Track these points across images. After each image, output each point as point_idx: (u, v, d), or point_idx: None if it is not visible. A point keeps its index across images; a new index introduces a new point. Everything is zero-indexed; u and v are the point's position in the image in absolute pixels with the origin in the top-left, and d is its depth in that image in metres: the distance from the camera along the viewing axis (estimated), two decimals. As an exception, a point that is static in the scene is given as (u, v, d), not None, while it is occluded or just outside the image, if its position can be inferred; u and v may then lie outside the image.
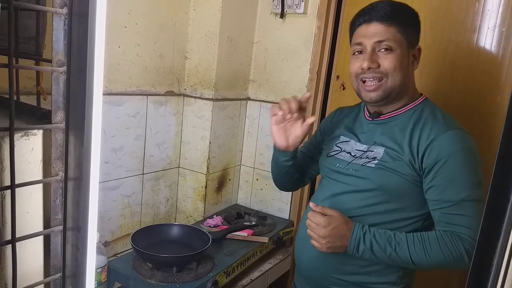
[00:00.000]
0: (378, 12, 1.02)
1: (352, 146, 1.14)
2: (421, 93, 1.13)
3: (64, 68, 0.47)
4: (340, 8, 1.78)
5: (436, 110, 1.07)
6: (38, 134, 0.50)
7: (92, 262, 0.48)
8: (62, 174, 0.49)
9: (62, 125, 0.48)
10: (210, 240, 1.41)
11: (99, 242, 1.37)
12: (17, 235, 0.45)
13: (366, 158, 1.08)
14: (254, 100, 1.97)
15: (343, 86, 1.81)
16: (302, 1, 1.76)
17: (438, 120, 1.03)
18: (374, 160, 1.06)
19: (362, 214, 1.05)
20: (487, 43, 1.48)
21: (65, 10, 0.46)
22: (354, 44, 1.08)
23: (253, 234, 1.65)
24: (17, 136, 0.48)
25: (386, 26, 1.01)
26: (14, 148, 0.44)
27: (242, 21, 1.83)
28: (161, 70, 1.65)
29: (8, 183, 0.45)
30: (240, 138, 1.99)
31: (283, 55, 1.86)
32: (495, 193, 0.39)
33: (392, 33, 1.01)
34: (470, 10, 1.50)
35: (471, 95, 1.53)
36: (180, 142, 1.84)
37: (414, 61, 1.07)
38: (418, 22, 1.07)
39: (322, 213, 1.02)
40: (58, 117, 0.49)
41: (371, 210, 1.05)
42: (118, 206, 1.57)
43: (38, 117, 0.56)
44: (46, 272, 0.54)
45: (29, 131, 0.49)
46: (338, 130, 1.22)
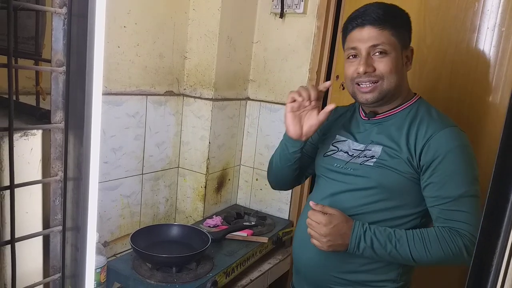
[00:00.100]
0: (371, 16, 1.02)
1: (349, 145, 1.15)
2: (414, 92, 1.14)
3: (63, 68, 0.47)
4: (339, 8, 1.78)
5: (431, 109, 1.09)
6: (38, 134, 0.50)
7: (91, 262, 0.48)
8: (61, 174, 0.49)
9: (62, 125, 0.48)
10: (210, 240, 1.41)
11: (99, 242, 1.37)
12: (16, 235, 0.45)
13: (364, 157, 1.09)
14: (253, 100, 1.97)
15: (343, 86, 1.81)
16: (302, 1, 1.76)
17: (434, 118, 1.05)
18: (372, 158, 1.07)
19: (362, 212, 1.06)
20: (487, 43, 1.48)
21: (64, 10, 0.46)
22: (348, 48, 1.08)
23: (252, 234, 1.65)
24: (16, 136, 0.48)
25: (379, 30, 1.02)
26: (13, 148, 0.44)
27: (241, 21, 1.83)
28: (160, 70, 1.64)
29: (7, 183, 0.45)
30: (239, 138, 1.99)
31: (283, 55, 1.86)
32: (495, 193, 0.39)
33: (386, 36, 1.02)
34: (470, 10, 1.50)
35: (471, 95, 1.53)
36: (179, 142, 1.84)
37: (407, 62, 1.09)
38: (409, 23, 1.08)
39: (322, 211, 1.02)
40: (58, 117, 0.48)
41: (371, 208, 1.06)
42: (117, 206, 1.57)
43: (38, 117, 0.56)
44: (46, 272, 0.54)
45: (28, 131, 0.49)
46: (334, 129, 1.22)
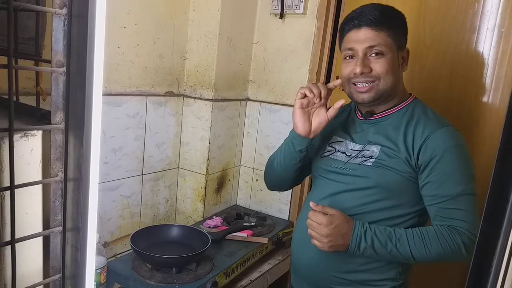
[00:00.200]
0: (367, 17, 1.03)
1: (346, 146, 1.15)
2: (410, 93, 1.15)
3: (63, 68, 0.47)
4: (339, 8, 1.78)
5: (426, 109, 1.11)
6: (38, 134, 0.50)
7: (91, 263, 0.48)
8: (61, 175, 0.49)
9: (62, 125, 0.48)
10: (210, 240, 1.41)
11: (99, 243, 1.37)
12: (16, 236, 0.45)
13: (362, 157, 1.09)
14: (253, 100, 1.97)
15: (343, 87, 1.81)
16: (302, 1, 1.76)
17: (430, 118, 1.07)
18: (370, 158, 1.08)
19: (361, 212, 1.07)
20: (487, 44, 1.49)
21: (64, 11, 0.46)
22: (345, 49, 1.09)
23: (252, 235, 1.65)
24: (16, 136, 0.48)
25: (376, 31, 1.03)
26: (14, 148, 0.44)
27: (241, 21, 1.83)
28: (160, 70, 1.64)
29: (7, 184, 0.45)
30: (239, 139, 1.99)
31: (283, 56, 1.86)
32: (495, 194, 0.39)
33: (382, 37, 1.03)
34: (470, 11, 1.50)
35: (471, 95, 1.53)
36: (179, 142, 1.84)
37: (403, 62, 1.11)
38: (405, 23, 1.09)
39: (322, 212, 1.03)
40: (58, 117, 0.48)
41: (370, 207, 1.06)
42: (117, 207, 1.57)
43: (38, 117, 0.56)
44: (46, 273, 0.54)
45: (28, 132, 0.49)
46: (331, 130, 1.22)
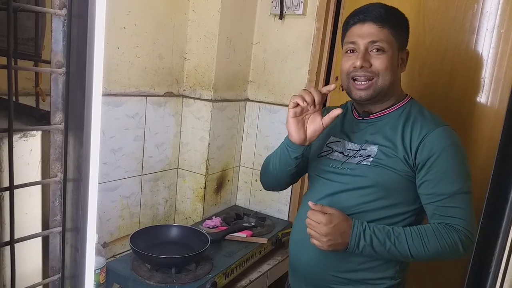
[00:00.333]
0: (373, 13, 1.06)
1: (343, 145, 1.16)
2: (406, 93, 1.17)
3: (63, 69, 0.47)
4: (339, 9, 1.79)
5: (423, 109, 1.12)
6: (37, 135, 0.50)
7: (91, 263, 0.48)
8: (61, 175, 0.49)
9: (61, 126, 0.48)
10: (209, 241, 1.40)
11: (98, 243, 1.36)
12: (15, 237, 0.45)
13: (360, 157, 1.10)
14: (253, 101, 1.97)
15: (342, 87, 1.81)
16: (301, 2, 1.76)
17: (427, 117, 1.09)
18: (368, 158, 1.09)
19: (360, 211, 1.07)
20: (486, 45, 1.49)
21: (64, 11, 0.46)
22: (347, 42, 1.11)
23: (252, 235, 1.65)
24: (15, 137, 0.48)
25: (380, 27, 1.05)
26: (13, 149, 0.44)
27: (241, 22, 1.83)
28: (160, 71, 1.65)
29: (6, 184, 0.45)
30: (239, 139, 1.99)
31: (282, 56, 1.86)
32: (494, 194, 0.39)
33: (385, 34, 1.05)
34: (469, 12, 1.51)
35: (470, 96, 1.54)
36: (179, 143, 1.84)
37: (402, 63, 1.13)
38: (408, 26, 1.12)
39: (321, 211, 1.03)
40: (57, 118, 0.48)
41: (369, 206, 1.07)
42: (117, 207, 1.57)
43: (37, 118, 0.56)
44: (45, 273, 0.54)
45: (28, 132, 0.49)
46: (327, 130, 1.22)
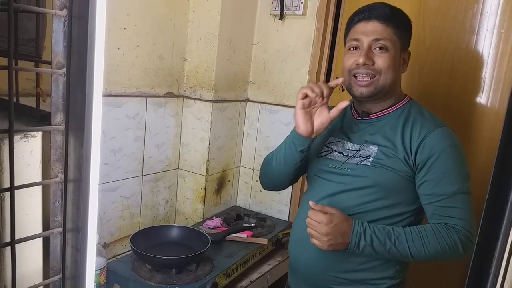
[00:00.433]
0: (378, 11, 1.07)
1: (343, 146, 1.16)
2: (405, 94, 1.17)
3: (63, 70, 0.47)
4: (339, 10, 1.79)
5: (422, 109, 1.13)
6: (38, 136, 0.50)
7: (92, 263, 0.48)
8: (61, 176, 0.49)
9: (62, 126, 0.49)
10: (210, 241, 1.40)
11: (98, 243, 1.36)
12: (16, 237, 0.45)
13: (360, 157, 1.10)
14: (253, 101, 1.97)
15: (342, 87, 1.81)
16: (301, 2, 1.76)
17: (427, 118, 1.09)
18: (368, 158, 1.09)
19: (360, 211, 1.07)
20: (486, 45, 1.49)
21: (64, 12, 0.46)
22: (351, 39, 1.11)
23: (252, 236, 1.65)
24: (16, 138, 0.48)
25: (384, 25, 1.06)
26: (14, 150, 0.44)
27: (241, 22, 1.83)
28: (160, 71, 1.65)
29: (7, 185, 0.45)
30: (239, 140, 1.99)
31: (283, 57, 1.86)
32: (494, 195, 0.39)
33: (389, 33, 1.06)
34: (469, 12, 1.51)
35: (470, 96, 1.54)
36: (179, 143, 1.84)
37: (403, 64, 1.13)
38: (411, 27, 1.13)
39: (322, 211, 1.03)
40: (58, 119, 0.49)
41: (369, 207, 1.07)
42: (117, 208, 1.57)
43: (38, 119, 0.56)
44: (46, 274, 0.54)
45: (28, 133, 0.49)
46: (327, 130, 1.22)
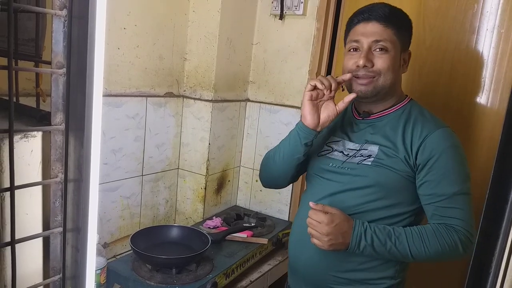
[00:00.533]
0: (378, 12, 1.06)
1: (344, 145, 1.16)
2: (406, 94, 1.17)
3: (63, 70, 0.47)
4: (339, 9, 1.79)
5: (423, 110, 1.13)
6: (38, 136, 0.50)
7: (92, 263, 0.48)
8: (61, 176, 0.49)
9: (62, 126, 0.49)
10: (210, 241, 1.40)
11: (98, 243, 1.36)
12: (16, 237, 0.45)
13: (360, 156, 1.10)
14: (253, 101, 1.97)
15: (342, 87, 1.81)
16: (301, 2, 1.76)
17: (427, 118, 1.09)
18: (369, 158, 1.09)
19: (361, 211, 1.08)
20: (486, 45, 1.49)
21: (64, 12, 0.46)
22: (351, 41, 1.11)
23: (252, 236, 1.65)
24: (16, 137, 0.48)
25: (384, 26, 1.06)
26: (14, 149, 0.44)
27: (241, 22, 1.83)
28: (160, 71, 1.65)
29: (7, 185, 0.45)
30: (239, 140, 1.99)
31: (283, 57, 1.86)
32: (494, 195, 0.39)
33: (389, 34, 1.06)
34: (469, 12, 1.51)
35: (470, 96, 1.54)
36: (179, 143, 1.84)
37: (404, 64, 1.13)
38: (411, 28, 1.13)
39: (322, 211, 1.03)
40: (58, 118, 0.49)
41: (370, 206, 1.07)
42: (117, 208, 1.57)
43: (38, 119, 0.56)
44: (46, 273, 0.54)
45: (28, 133, 0.49)
46: (327, 129, 1.22)
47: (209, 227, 1.69)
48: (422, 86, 1.63)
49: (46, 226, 0.52)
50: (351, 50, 1.10)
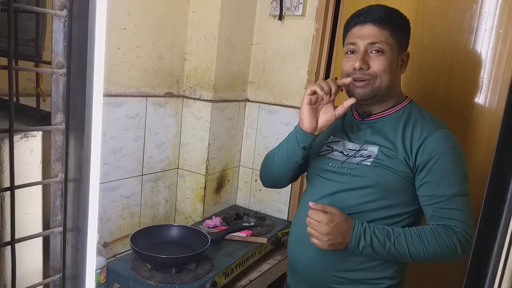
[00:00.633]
0: (373, 14, 1.06)
1: (344, 145, 1.16)
2: (406, 95, 1.17)
3: (63, 70, 0.48)
4: (338, 10, 1.79)
5: (423, 111, 1.13)
6: (38, 135, 0.50)
7: (92, 263, 0.48)
8: (61, 176, 0.50)
9: (62, 126, 0.49)
10: (209, 241, 1.41)
11: (98, 243, 1.37)
12: (16, 237, 0.45)
13: (360, 157, 1.11)
14: (252, 101, 1.97)
15: (342, 88, 1.81)
16: (301, 3, 1.76)
17: (427, 120, 1.10)
18: (369, 158, 1.09)
19: (360, 211, 1.08)
20: (484, 45, 1.49)
21: (64, 12, 0.46)
22: (348, 44, 1.12)
23: (252, 235, 1.65)
24: (16, 137, 0.48)
25: (379, 28, 1.06)
26: (14, 149, 0.44)
27: (241, 23, 1.83)
28: (160, 71, 1.65)
29: (7, 185, 0.45)
30: (238, 139, 2.00)
31: (282, 57, 1.86)
32: (492, 195, 0.39)
33: (385, 36, 1.06)
34: (468, 12, 1.51)
35: (469, 96, 1.54)
36: (179, 143, 1.84)
37: (402, 65, 1.13)
38: (409, 28, 1.13)
39: (322, 210, 1.03)
40: (58, 118, 0.49)
41: (369, 206, 1.08)
42: (117, 207, 1.57)
43: (38, 118, 0.56)
44: (46, 273, 0.54)
45: (28, 133, 0.50)
46: (327, 129, 1.22)
47: (208, 227, 1.69)
48: (420, 87, 1.63)
49: (46, 225, 0.52)
50: (348, 53, 1.11)
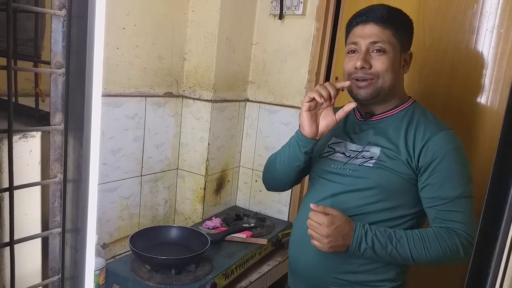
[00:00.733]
0: (375, 14, 1.06)
1: (345, 146, 1.16)
2: (409, 96, 1.17)
3: (62, 70, 0.47)
4: (338, 9, 1.79)
5: (426, 112, 1.12)
6: (37, 136, 0.50)
7: (91, 264, 0.48)
8: (60, 176, 0.49)
9: (61, 127, 0.48)
10: (209, 242, 1.40)
11: (97, 244, 1.36)
12: (15, 237, 0.45)
13: (362, 158, 1.10)
14: (252, 101, 1.97)
15: (342, 88, 1.81)
16: (301, 2, 1.76)
17: (430, 121, 1.09)
18: (371, 159, 1.08)
19: (362, 212, 1.07)
20: (486, 44, 1.49)
21: (63, 12, 0.46)
22: (350, 43, 1.11)
23: (252, 236, 1.65)
24: (15, 138, 0.48)
25: (381, 28, 1.05)
26: (13, 150, 0.44)
27: (240, 22, 1.83)
28: (159, 71, 1.65)
29: (6, 185, 0.45)
30: (238, 140, 1.99)
31: (282, 57, 1.86)
32: (493, 195, 0.39)
33: (387, 35, 1.05)
34: (469, 12, 1.51)
35: (470, 96, 1.54)
36: (178, 143, 1.84)
37: (405, 65, 1.12)
38: (412, 28, 1.12)
39: (323, 212, 1.02)
40: (57, 119, 0.48)
41: (371, 208, 1.07)
42: (116, 208, 1.57)
43: (37, 119, 0.56)
44: (45, 274, 0.54)
45: (27, 133, 0.49)
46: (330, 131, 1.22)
47: (208, 228, 1.69)
48: (423, 88, 1.63)
49: (45, 226, 0.52)
50: (350, 52, 1.10)
